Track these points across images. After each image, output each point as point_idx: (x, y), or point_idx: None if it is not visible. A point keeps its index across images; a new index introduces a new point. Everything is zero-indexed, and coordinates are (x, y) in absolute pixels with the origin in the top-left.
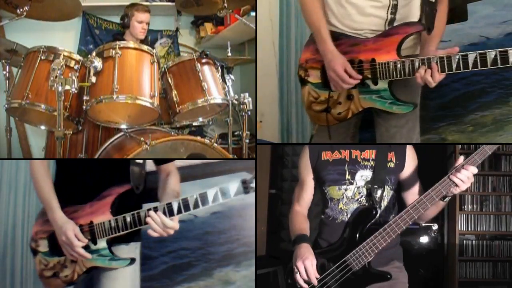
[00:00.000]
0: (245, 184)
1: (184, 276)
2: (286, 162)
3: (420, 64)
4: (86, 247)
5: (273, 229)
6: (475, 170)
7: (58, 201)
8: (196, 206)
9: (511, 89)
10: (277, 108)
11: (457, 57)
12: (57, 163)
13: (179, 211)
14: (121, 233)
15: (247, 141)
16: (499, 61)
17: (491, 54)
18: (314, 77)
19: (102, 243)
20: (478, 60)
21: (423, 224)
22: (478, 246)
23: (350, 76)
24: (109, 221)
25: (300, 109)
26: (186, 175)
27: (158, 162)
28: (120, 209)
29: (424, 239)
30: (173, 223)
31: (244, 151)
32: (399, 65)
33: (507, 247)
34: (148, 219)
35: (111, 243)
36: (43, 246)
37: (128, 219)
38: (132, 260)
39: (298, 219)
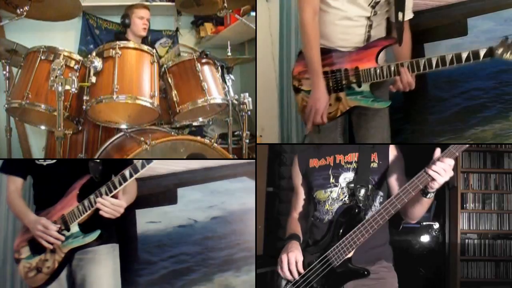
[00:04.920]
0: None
1: (184, 281)
2: (284, 159)
3: (395, 68)
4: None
5: (271, 228)
6: (451, 162)
7: (36, 211)
8: (130, 176)
9: (511, 104)
10: (277, 123)
11: (423, 60)
12: (33, 176)
13: (120, 184)
14: (89, 211)
15: (247, 141)
16: (455, 61)
17: (448, 56)
18: (307, 85)
19: (74, 228)
20: (439, 62)
21: (424, 223)
22: (480, 245)
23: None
24: (77, 206)
25: (300, 123)
26: (186, 179)
27: (115, 171)
28: (85, 197)
29: (425, 238)
30: (120, 201)
31: (244, 151)
32: (378, 70)
33: (510, 246)
34: (98, 205)
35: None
36: (25, 252)
37: (92, 197)
38: (102, 234)
39: (294, 223)
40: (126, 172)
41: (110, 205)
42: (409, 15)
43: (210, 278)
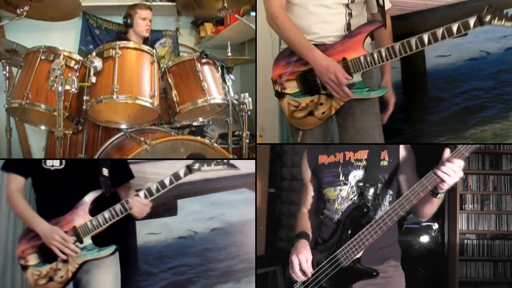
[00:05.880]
0: (189, 167)
1: None
2: (286, 161)
3: (386, 52)
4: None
5: (272, 229)
6: (461, 163)
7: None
8: (158, 191)
9: (511, 103)
10: (277, 123)
11: (414, 39)
12: (33, 182)
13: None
14: (103, 227)
15: (247, 141)
16: (446, 34)
17: (439, 30)
18: (291, 88)
19: (87, 241)
20: (431, 38)
21: (424, 224)
22: (479, 245)
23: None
24: (90, 220)
25: None
26: (186, 191)
27: (115, 184)
28: (96, 211)
29: (424, 239)
30: (146, 201)
31: (244, 151)
32: (368, 58)
33: (508, 246)
34: (130, 205)
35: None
36: (33, 259)
37: (106, 215)
38: (116, 249)
39: (304, 220)
40: (141, 193)
41: (140, 205)
42: (388, 4)
43: None
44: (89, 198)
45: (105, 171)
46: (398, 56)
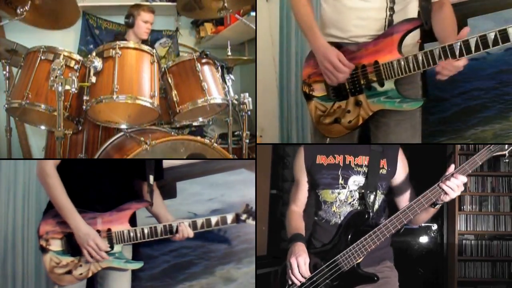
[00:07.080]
0: (237, 217)
1: (185, 274)
2: (287, 162)
3: (423, 57)
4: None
5: (274, 229)
6: (464, 179)
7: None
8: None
9: (511, 104)
10: (277, 124)
11: (458, 43)
12: (68, 166)
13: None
14: (137, 241)
15: (247, 141)
16: (500, 41)
17: (490, 35)
18: (319, 90)
19: (118, 248)
20: (480, 42)
21: (423, 225)
22: (477, 246)
23: (344, 65)
24: (128, 230)
25: (301, 124)
26: (185, 173)
27: (144, 178)
28: (136, 222)
29: (423, 239)
30: (193, 233)
31: (244, 151)
32: (403, 63)
33: (506, 247)
34: (178, 231)
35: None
36: (55, 245)
37: (146, 230)
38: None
39: (295, 219)
40: (186, 223)
41: (186, 233)
42: None
43: (211, 271)
44: (133, 206)
45: (151, 179)
46: (437, 63)
